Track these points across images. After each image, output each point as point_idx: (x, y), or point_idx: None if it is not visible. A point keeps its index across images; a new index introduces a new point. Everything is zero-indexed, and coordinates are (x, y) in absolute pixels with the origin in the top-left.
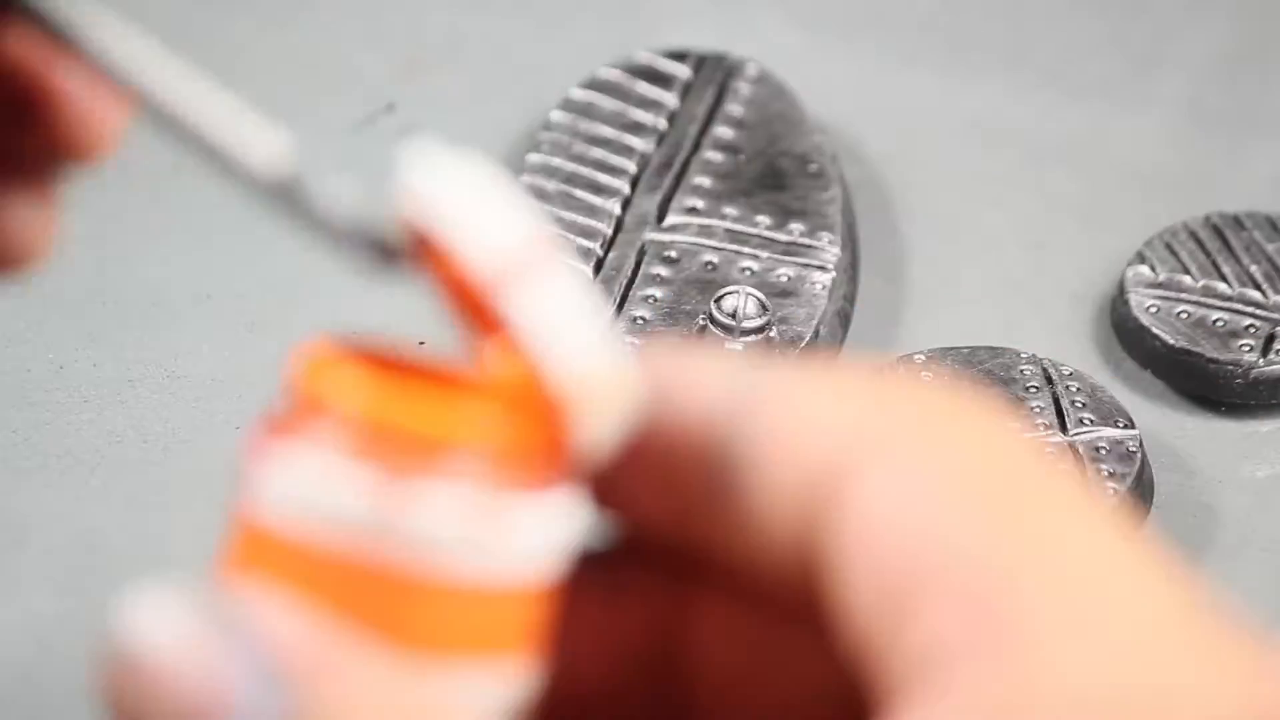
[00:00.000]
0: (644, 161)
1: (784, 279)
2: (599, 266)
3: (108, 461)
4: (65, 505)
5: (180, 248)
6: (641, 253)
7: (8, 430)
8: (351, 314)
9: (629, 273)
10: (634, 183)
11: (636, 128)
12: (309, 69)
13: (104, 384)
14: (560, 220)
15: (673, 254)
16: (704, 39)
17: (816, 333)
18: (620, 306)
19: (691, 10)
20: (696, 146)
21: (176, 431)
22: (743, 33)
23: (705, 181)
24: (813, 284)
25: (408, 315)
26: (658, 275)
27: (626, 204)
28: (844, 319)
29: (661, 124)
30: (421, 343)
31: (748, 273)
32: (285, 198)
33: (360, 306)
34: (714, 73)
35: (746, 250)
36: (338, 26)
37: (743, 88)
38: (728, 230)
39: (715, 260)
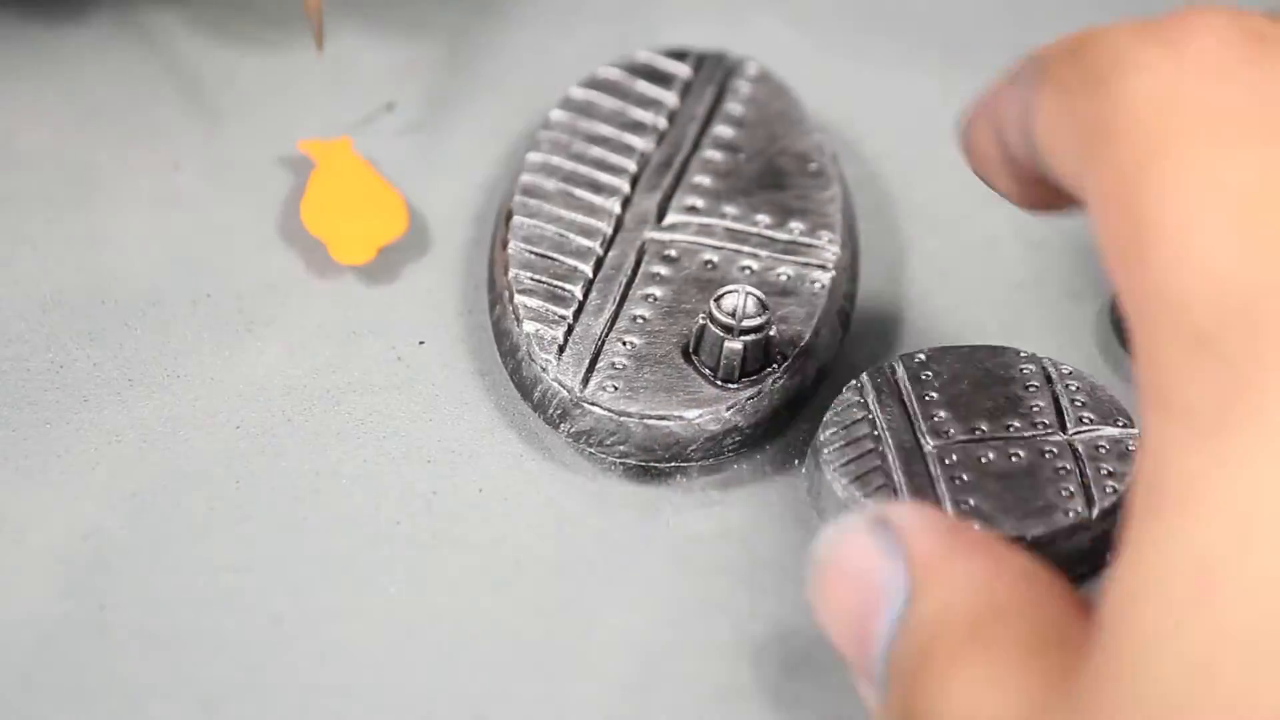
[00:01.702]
0: (644, 160)
1: (784, 278)
2: (599, 265)
3: (108, 461)
4: (65, 505)
5: (180, 248)
6: (641, 251)
7: (8, 430)
8: (352, 314)
9: (629, 271)
10: (634, 181)
11: (636, 126)
12: (309, 69)
13: (104, 384)
14: (560, 219)
15: (672, 253)
16: (704, 39)
17: (816, 332)
18: (620, 306)
19: (691, 10)
20: (696, 145)
21: (176, 431)
22: (743, 32)
23: (705, 180)
24: (812, 283)
25: (408, 316)
26: (657, 274)
27: (626, 203)
28: (844, 318)
29: (661, 123)
30: (421, 342)
31: (747, 271)
32: None
33: (361, 307)
34: (714, 72)
35: (746, 249)
36: (338, 26)
37: (743, 87)
38: (727, 229)
39: (715, 259)
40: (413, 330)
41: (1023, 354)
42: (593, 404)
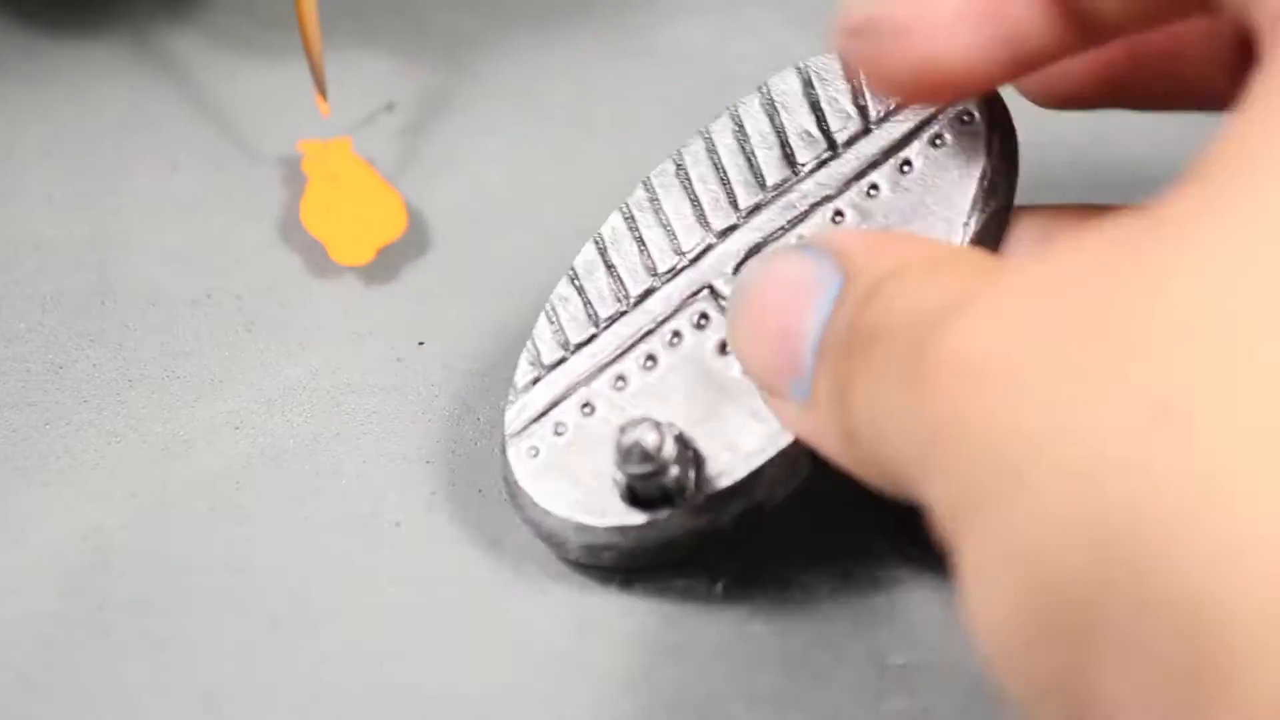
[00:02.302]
0: (780, 189)
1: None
2: (645, 296)
3: (108, 461)
4: (65, 505)
5: (180, 248)
6: (689, 299)
7: (8, 430)
8: (352, 314)
9: (657, 322)
10: (753, 210)
11: (803, 142)
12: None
13: (104, 384)
14: (660, 224)
15: (710, 311)
16: (704, 38)
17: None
18: (620, 355)
19: (691, 9)
20: (839, 191)
21: (176, 431)
22: (743, 32)
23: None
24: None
25: (408, 316)
26: (678, 334)
27: (728, 232)
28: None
29: (825, 153)
30: (421, 342)
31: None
32: None
33: (362, 306)
34: (925, 110)
35: None
36: (338, 26)
37: (945, 135)
38: None
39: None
40: (412, 330)
41: None
42: (505, 458)
